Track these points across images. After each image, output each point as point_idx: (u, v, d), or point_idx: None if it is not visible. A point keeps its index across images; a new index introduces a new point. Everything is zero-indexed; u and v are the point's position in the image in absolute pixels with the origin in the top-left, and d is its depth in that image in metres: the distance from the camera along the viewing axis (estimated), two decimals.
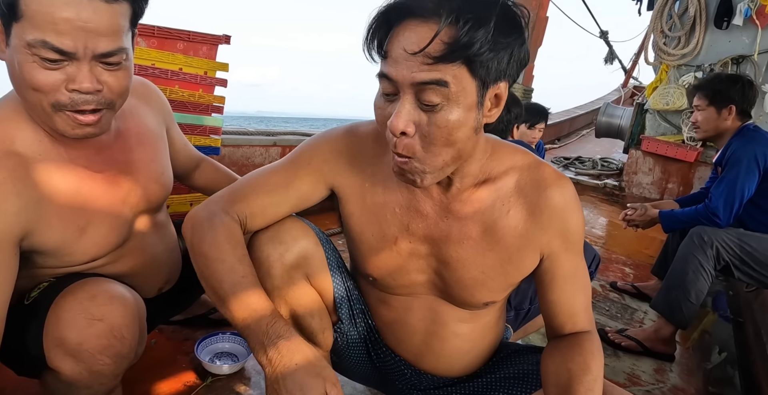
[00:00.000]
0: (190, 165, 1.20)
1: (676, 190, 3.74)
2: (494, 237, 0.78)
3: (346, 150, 0.81)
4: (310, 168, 0.81)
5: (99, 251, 0.89)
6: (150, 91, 1.04)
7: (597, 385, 0.72)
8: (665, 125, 3.79)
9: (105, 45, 0.74)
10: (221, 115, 1.75)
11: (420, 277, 0.84)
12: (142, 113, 0.99)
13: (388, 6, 0.63)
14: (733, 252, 1.65)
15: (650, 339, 1.69)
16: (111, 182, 0.89)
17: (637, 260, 2.74)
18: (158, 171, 0.98)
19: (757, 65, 3.25)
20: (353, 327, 0.95)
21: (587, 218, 3.48)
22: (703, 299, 1.67)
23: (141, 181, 0.94)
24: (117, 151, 0.91)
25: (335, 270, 0.90)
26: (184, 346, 1.32)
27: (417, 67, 0.60)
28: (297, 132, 2.72)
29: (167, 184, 1.01)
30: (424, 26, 0.60)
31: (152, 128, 1.00)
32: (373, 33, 0.64)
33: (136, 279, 0.98)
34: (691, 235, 1.71)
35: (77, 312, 0.77)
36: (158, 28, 1.51)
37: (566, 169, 4.78)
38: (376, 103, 0.68)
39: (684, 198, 2.12)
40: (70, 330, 0.76)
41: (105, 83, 0.77)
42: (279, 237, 0.82)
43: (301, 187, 0.82)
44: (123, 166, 0.91)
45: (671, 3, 3.54)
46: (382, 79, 0.65)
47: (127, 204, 0.92)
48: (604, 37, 7.63)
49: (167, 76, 1.56)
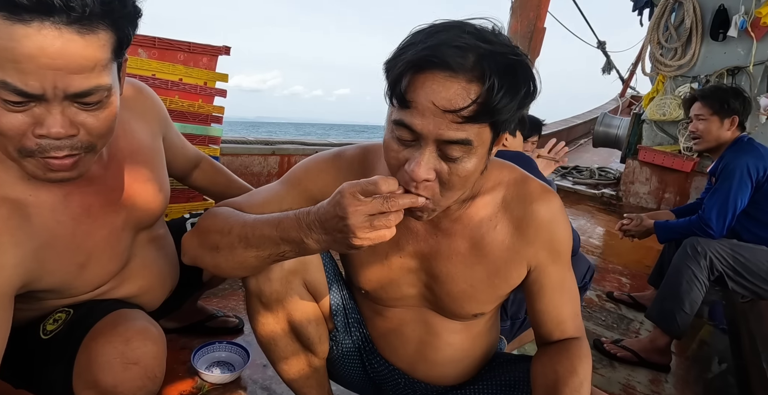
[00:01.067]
0: (188, 166, 1.18)
1: (672, 199, 3.76)
2: (482, 252, 0.80)
3: (333, 171, 0.84)
4: (300, 187, 0.84)
5: (101, 281, 0.87)
6: (143, 99, 0.96)
7: (584, 388, 0.74)
8: (662, 135, 3.82)
9: (79, 84, 0.64)
10: (221, 125, 1.77)
11: (411, 290, 0.86)
12: (136, 128, 0.92)
13: (419, 55, 0.60)
14: (727, 263, 1.66)
15: (646, 350, 1.70)
16: (107, 212, 0.84)
17: (633, 270, 2.75)
18: (155, 189, 0.93)
19: (752, 76, 3.29)
20: (348, 336, 0.96)
21: (584, 227, 3.49)
22: (697, 309, 1.68)
23: (138, 203, 0.90)
24: (111, 177, 0.85)
25: (332, 279, 0.92)
26: (180, 355, 1.32)
27: (446, 124, 0.60)
28: (296, 141, 2.75)
29: (165, 200, 0.97)
30: (455, 82, 0.59)
31: (147, 143, 0.93)
32: (396, 78, 0.62)
33: (143, 297, 0.98)
34: (684, 246, 1.72)
35: (112, 356, 0.74)
36: (159, 39, 1.53)
37: (564, 179, 4.80)
38: (389, 145, 0.66)
39: (680, 209, 2.14)
40: (105, 374, 0.74)
41: (82, 125, 0.68)
42: None
43: (292, 205, 0.81)
44: (118, 192, 0.86)
45: (667, 15, 3.58)
46: (402, 127, 0.63)
47: (126, 229, 0.89)
48: (601, 47, 7.70)
49: (167, 87, 1.58)
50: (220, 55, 1.70)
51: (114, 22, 0.65)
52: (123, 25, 0.67)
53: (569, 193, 4.43)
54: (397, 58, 0.62)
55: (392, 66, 0.63)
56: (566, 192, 4.43)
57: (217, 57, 1.70)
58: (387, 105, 0.67)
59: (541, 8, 4.92)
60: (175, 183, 1.68)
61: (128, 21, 0.68)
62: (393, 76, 0.62)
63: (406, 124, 0.62)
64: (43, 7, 0.58)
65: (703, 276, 1.66)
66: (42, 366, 0.81)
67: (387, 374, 0.96)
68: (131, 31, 0.69)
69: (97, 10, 0.62)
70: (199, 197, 1.71)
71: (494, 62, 0.59)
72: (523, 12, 4.89)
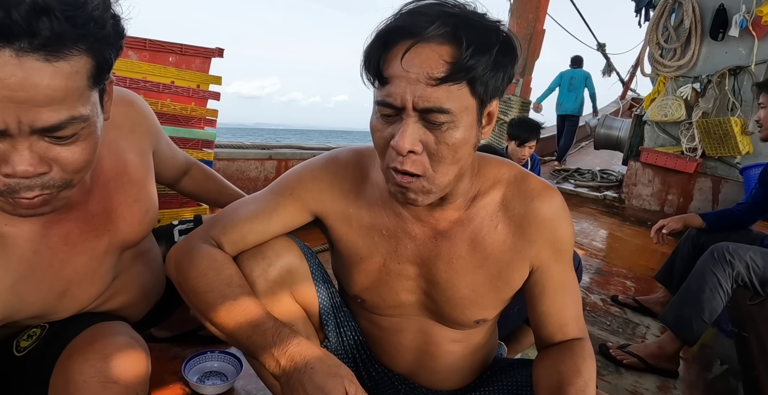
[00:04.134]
0: (177, 174, 1.13)
1: (676, 201, 3.71)
2: (483, 254, 0.77)
3: (328, 178, 0.81)
4: (292, 197, 0.81)
5: (83, 305, 0.83)
6: (133, 114, 0.88)
7: (589, 388, 0.71)
8: (664, 136, 3.78)
9: (47, 117, 0.55)
10: (214, 128, 1.73)
11: (409, 298, 0.83)
12: (123, 146, 0.85)
13: (385, 29, 0.61)
14: (758, 272, 1.56)
15: (653, 356, 1.64)
16: (88, 238, 0.79)
17: (638, 273, 2.70)
18: (142, 210, 0.86)
19: (754, 76, 3.26)
20: (341, 344, 0.92)
21: (587, 230, 3.45)
22: (715, 318, 1.61)
23: (123, 227, 0.83)
24: (94, 202, 0.79)
25: (321, 285, 0.88)
26: (171, 365, 1.28)
27: (421, 89, 0.60)
28: (293, 145, 2.71)
29: (152, 220, 0.90)
30: (425, 47, 0.60)
31: (134, 162, 0.86)
32: (370, 57, 0.62)
33: (126, 311, 0.94)
34: (712, 251, 1.63)
35: (90, 375, 0.69)
36: (150, 40, 1.50)
37: (565, 181, 4.76)
38: (374, 126, 0.66)
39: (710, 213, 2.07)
40: (83, 394, 0.68)
41: (54, 161, 0.60)
42: (262, 252, 0.81)
43: (284, 215, 0.81)
44: (101, 216, 0.80)
45: (666, 15, 3.56)
46: (383, 105, 0.63)
47: (109, 252, 0.83)
48: (601, 49, 7.69)
49: (159, 90, 1.54)
50: (213, 57, 1.67)
51: (90, 47, 0.56)
52: (102, 48, 0.58)
53: (571, 195, 4.39)
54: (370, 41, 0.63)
55: (367, 50, 0.63)
56: (568, 195, 4.39)
57: (210, 59, 1.67)
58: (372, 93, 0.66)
59: (540, 10, 4.92)
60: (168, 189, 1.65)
61: (108, 44, 0.58)
62: (368, 58, 0.63)
63: (385, 99, 0.62)
64: (1, 32, 0.49)
65: (728, 284, 1.57)
66: (18, 386, 0.76)
67: (386, 381, 0.92)
68: (112, 54, 0.60)
69: (69, 33, 0.53)
70: (192, 203, 1.67)
71: (463, 23, 0.60)
72: (522, 14, 4.89)
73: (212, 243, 0.81)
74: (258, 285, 0.80)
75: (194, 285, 0.75)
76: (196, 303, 0.76)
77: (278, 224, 0.82)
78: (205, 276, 0.75)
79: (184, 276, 0.77)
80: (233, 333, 0.73)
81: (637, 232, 3.58)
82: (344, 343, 0.92)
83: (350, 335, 0.92)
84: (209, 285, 0.75)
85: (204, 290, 0.75)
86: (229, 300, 0.73)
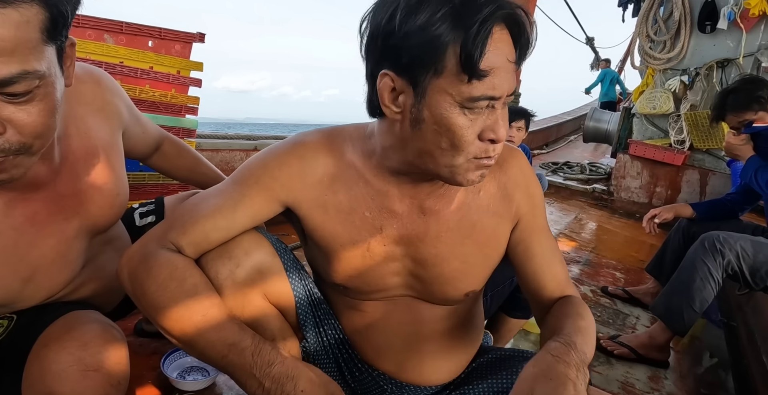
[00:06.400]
0: (148, 150, 1.07)
1: (664, 193, 3.72)
2: (470, 222, 0.76)
3: (297, 163, 0.73)
4: (258, 187, 0.73)
5: (50, 293, 0.79)
6: (102, 91, 0.84)
7: (590, 331, 0.71)
8: (652, 129, 3.78)
9: None
10: (196, 116, 1.68)
11: (395, 280, 0.79)
12: (93, 125, 0.81)
13: (487, 15, 0.55)
14: (749, 261, 1.55)
15: (644, 346, 1.63)
16: (57, 220, 0.75)
17: (627, 264, 2.70)
18: (113, 193, 0.83)
19: (742, 68, 3.26)
20: (321, 344, 0.86)
21: (577, 223, 3.45)
22: (706, 308, 1.60)
23: (93, 210, 0.80)
24: (62, 183, 0.76)
25: (297, 282, 0.82)
26: (151, 361, 1.23)
27: (512, 76, 0.60)
28: (279, 137, 2.66)
29: (123, 203, 0.87)
30: (506, 30, 0.59)
31: (105, 141, 0.83)
32: (468, 52, 0.55)
33: (98, 299, 0.89)
34: (702, 240, 1.62)
35: (68, 363, 0.65)
36: (126, 24, 1.44)
37: (555, 174, 4.76)
38: (461, 124, 0.60)
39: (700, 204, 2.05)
40: (62, 384, 0.64)
41: (8, 121, 0.57)
42: (228, 252, 0.74)
43: (250, 207, 0.73)
44: (70, 198, 0.77)
45: (656, 7, 3.55)
46: (483, 99, 0.59)
47: (79, 237, 0.80)
48: (590, 43, 7.70)
49: (137, 75, 1.49)
50: (194, 42, 1.61)
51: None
52: (56, 0, 0.55)
53: (560, 188, 4.39)
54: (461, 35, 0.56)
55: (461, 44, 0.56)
56: (558, 187, 4.39)
57: (191, 44, 1.61)
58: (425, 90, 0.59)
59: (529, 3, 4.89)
60: (147, 178, 1.59)
61: None
62: (466, 53, 0.55)
63: (488, 93, 0.58)
64: None
65: (719, 274, 1.56)
66: None
67: (370, 381, 0.87)
68: (68, 8, 0.57)
69: None
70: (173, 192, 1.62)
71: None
72: None
73: (171, 247, 0.71)
74: (225, 289, 0.73)
75: (154, 300, 0.67)
76: (158, 320, 0.67)
77: (244, 218, 0.73)
78: (165, 288, 0.67)
79: (141, 290, 0.68)
80: (205, 351, 0.66)
81: (625, 224, 3.59)
82: (324, 343, 0.87)
83: (331, 334, 0.87)
84: (171, 299, 0.66)
85: (165, 304, 0.66)
86: (196, 316, 0.66)
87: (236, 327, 0.67)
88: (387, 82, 0.61)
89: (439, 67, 0.57)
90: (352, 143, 0.74)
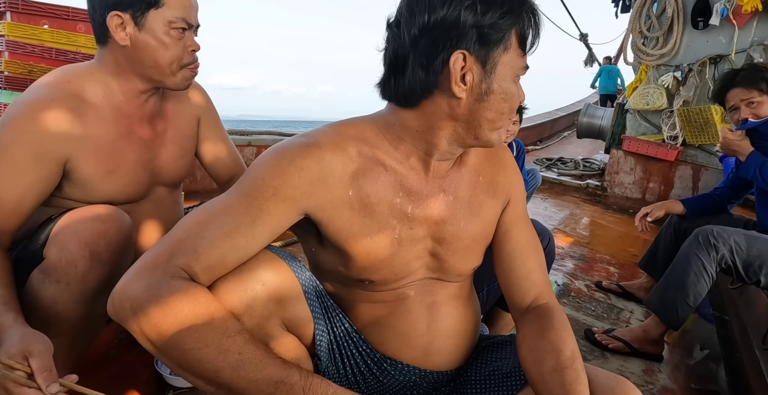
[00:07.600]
0: (224, 177, 1.26)
1: (657, 189, 3.75)
2: (478, 202, 0.83)
3: (317, 167, 0.69)
4: (277, 199, 0.67)
5: (116, 196, 1.01)
6: (193, 94, 1.17)
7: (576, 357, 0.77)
8: (645, 125, 3.80)
9: None
10: None
11: (417, 263, 0.79)
12: (179, 109, 1.13)
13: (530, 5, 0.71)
14: (742, 255, 1.56)
15: (638, 340, 1.64)
16: (143, 145, 1.04)
17: (621, 259, 2.71)
18: (178, 153, 1.12)
19: (734, 64, 3.28)
20: (332, 360, 0.82)
21: (571, 218, 3.46)
22: (700, 302, 1.60)
23: (163, 156, 1.09)
24: (157, 124, 1.07)
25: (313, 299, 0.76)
26: (144, 358, 1.22)
27: None
28: (273, 132, 2.64)
29: (185, 167, 1.15)
30: None
31: (185, 119, 1.14)
32: (526, 33, 0.71)
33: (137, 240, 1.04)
34: (696, 234, 1.62)
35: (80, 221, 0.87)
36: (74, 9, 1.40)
37: (549, 170, 4.78)
38: (515, 93, 0.72)
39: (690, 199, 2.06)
40: (68, 227, 0.86)
41: None
42: (242, 282, 0.66)
43: (269, 223, 0.67)
44: (156, 136, 1.07)
45: (649, 4, 3.56)
46: (526, 68, 0.73)
47: (147, 169, 1.06)
48: (584, 39, 7.72)
49: None
50: None
51: None
52: None
53: (554, 184, 4.41)
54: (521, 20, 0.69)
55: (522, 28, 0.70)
56: (551, 183, 4.41)
57: None
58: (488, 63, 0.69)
59: None
60: None
61: None
62: (525, 35, 0.70)
63: (527, 64, 0.73)
64: None
65: (712, 268, 1.57)
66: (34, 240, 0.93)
67: (392, 378, 0.84)
68: None
69: None
70: None
71: None
72: None
73: (182, 274, 0.63)
74: (244, 323, 0.65)
75: (178, 342, 0.59)
76: (182, 362, 0.60)
77: (263, 234, 0.67)
78: (191, 327, 0.59)
79: (157, 330, 0.59)
80: (246, 393, 0.60)
81: (619, 220, 3.61)
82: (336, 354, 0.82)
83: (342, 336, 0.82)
84: (201, 340, 0.59)
85: (194, 346, 0.59)
86: (232, 356, 0.59)
87: (279, 362, 0.62)
88: (460, 62, 0.67)
89: (507, 45, 0.69)
90: (371, 135, 0.74)
